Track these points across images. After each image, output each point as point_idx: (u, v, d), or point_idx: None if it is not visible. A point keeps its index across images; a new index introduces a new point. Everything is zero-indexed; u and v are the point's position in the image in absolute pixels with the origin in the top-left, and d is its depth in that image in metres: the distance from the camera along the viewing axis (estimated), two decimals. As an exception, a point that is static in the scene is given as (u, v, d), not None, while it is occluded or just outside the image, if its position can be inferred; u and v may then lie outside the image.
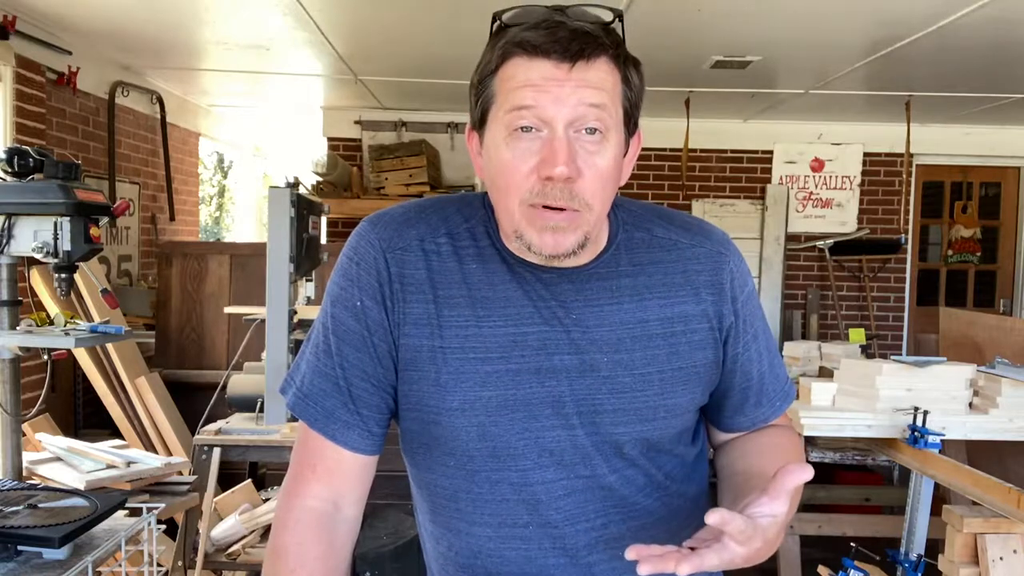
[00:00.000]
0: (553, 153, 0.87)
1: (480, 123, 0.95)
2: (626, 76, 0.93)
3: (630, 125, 0.95)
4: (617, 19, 0.94)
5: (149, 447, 3.68)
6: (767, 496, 0.82)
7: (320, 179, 5.19)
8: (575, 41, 0.88)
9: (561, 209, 0.89)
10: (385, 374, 0.99)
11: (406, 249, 0.97)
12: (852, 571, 2.49)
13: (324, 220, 5.20)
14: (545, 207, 0.89)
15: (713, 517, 0.78)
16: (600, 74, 0.89)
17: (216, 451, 2.83)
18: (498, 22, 0.94)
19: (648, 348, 0.98)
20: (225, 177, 9.71)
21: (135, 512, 2.08)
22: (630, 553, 0.80)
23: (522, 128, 0.89)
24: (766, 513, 0.82)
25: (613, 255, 1.00)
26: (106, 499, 1.91)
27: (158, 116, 5.16)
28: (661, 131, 5.64)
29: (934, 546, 2.46)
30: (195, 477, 2.65)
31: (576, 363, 0.96)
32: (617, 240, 1.01)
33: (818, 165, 5.95)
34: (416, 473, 1.06)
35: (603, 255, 0.99)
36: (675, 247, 1.02)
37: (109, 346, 3.67)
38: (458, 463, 0.98)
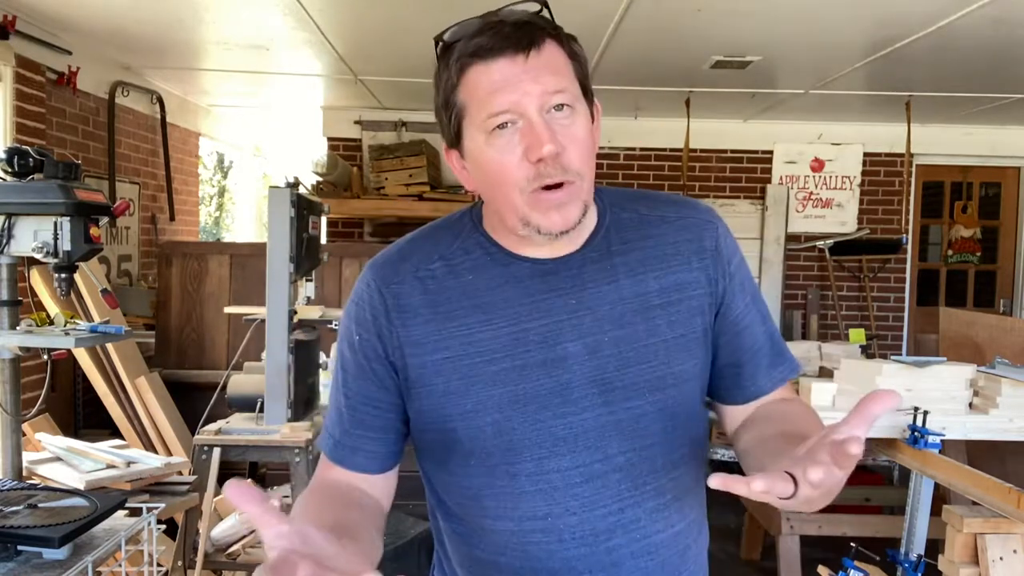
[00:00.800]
0: (536, 137, 0.92)
1: (456, 139, 1.00)
2: (572, 52, 0.99)
3: (588, 95, 1.00)
4: (544, 7, 0.99)
5: (149, 447, 3.68)
6: (847, 425, 0.76)
7: (320, 179, 5.19)
8: (521, 32, 0.94)
9: (559, 186, 0.94)
10: (387, 396, 1.05)
11: (401, 282, 1.04)
12: (852, 571, 2.49)
13: (324, 220, 5.20)
14: (544, 188, 0.94)
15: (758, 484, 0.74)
16: (551, 57, 0.95)
17: (216, 451, 2.82)
18: (441, 44, 0.99)
19: (649, 320, 1.02)
20: (225, 177, 9.70)
21: (135, 512, 2.08)
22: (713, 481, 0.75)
23: (499, 126, 0.94)
24: (845, 433, 0.75)
25: (604, 237, 1.05)
26: (106, 499, 1.91)
27: (158, 116, 5.16)
28: (661, 131, 5.65)
29: (934, 546, 2.46)
30: (195, 477, 2.65)
31: (580, 348, 1.00)
32: (606, 222, 1.06)
33: (818, 165, 5.95)
34: (438, 479, 1.09)
35: (594, 238, 1.04)
36: (663, 221, 1.07)
37: (109, 346, 3.67)
38: (478, 462, 1.02)
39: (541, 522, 1.01)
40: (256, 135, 7.51)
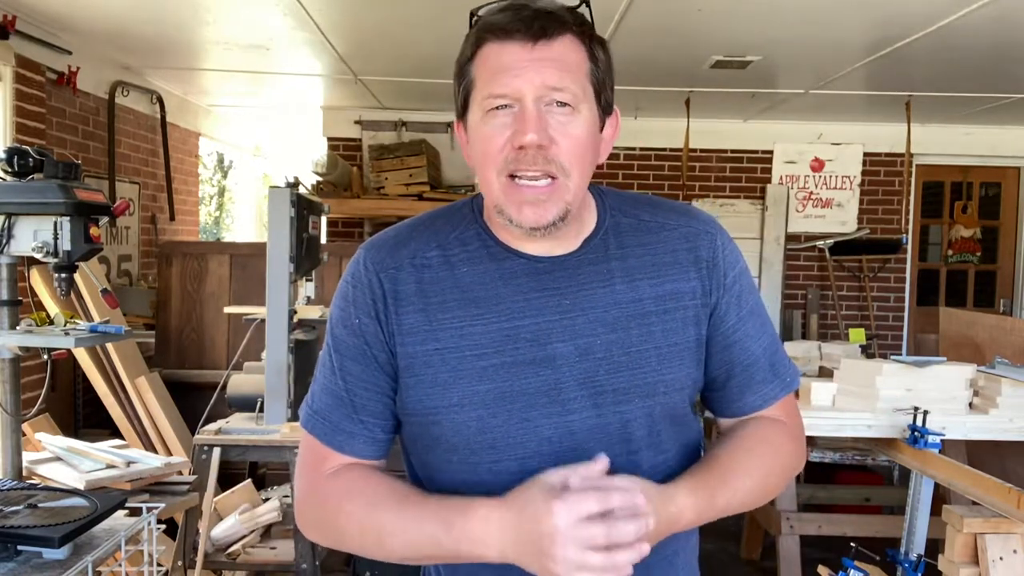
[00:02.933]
0: (523, 123, 0.93)
1: (463, 110, 1.01)
2: (592, 53, 0.98)
3: (602, 102, 1.00)
4: (584, 3, 1.00)
5: (149, 447, 3.68)
6: None
7: (320, 179, 5.19)
8: (537, 20, 0.94)
9: (550, 178, 0.95)
10: (387, 381, 1.03)
11: (398, 268, 1.03)
12: (852, 571, 2.49)
13: (324, 220, 5.20)
14: (518, 175, 0.95)
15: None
16: (563, 51, 0.95)
17: (216, 451, 2.83)
18: (475, 17, 1.00)
19: (643, 326, 1.01)
20: (225, 177, 9.70)
21: (135, 512, 2.08)
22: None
23: (496, 107, 0.95)
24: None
25: (602, 240, 1.04)
26: (106, 499, 1.91)
27: (158, 116, 5.16)
28: (661, 131, 5.65)
29: (934, 546, 2.46)
30: (195, 477, 2.65)
31: (572, 349, 0.99)
32: (605, 226, 1.05)
33: (818, 165, 5.95)
34: (421, 471, 1.08)
35: (592, 240, 1.04)
36: (662, 228, 1.06)
37: (109, 346, 3.67)
38: (461, 457, 1.01)
39: None
40: (256, 135, 7.51)
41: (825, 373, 3.32)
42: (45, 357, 2.26)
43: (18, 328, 2.19)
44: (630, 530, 0.88)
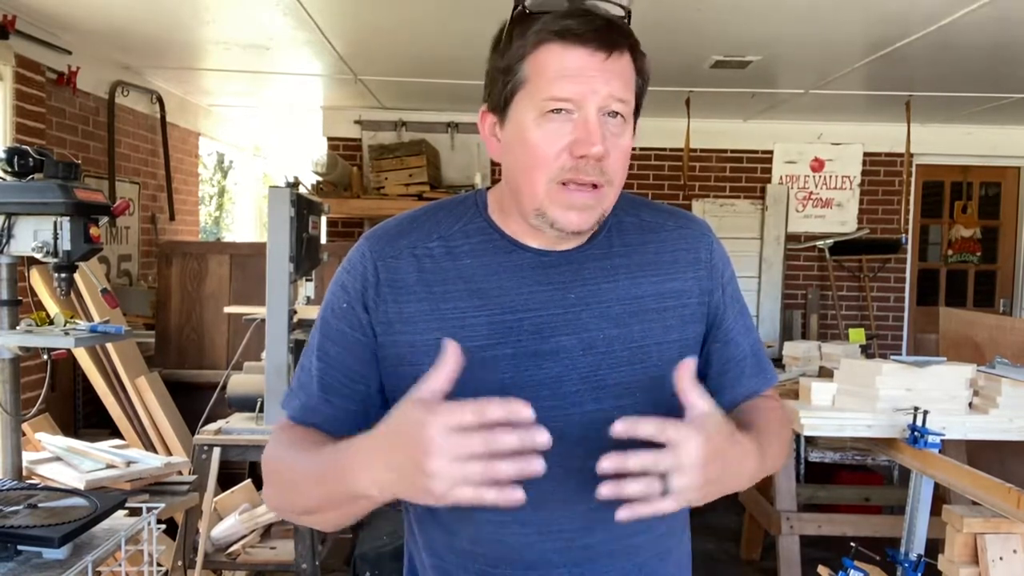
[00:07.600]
0: (589, 133, 0.93)
1: (503, 105, 0.99)
2: (641, 68, 1.00)
3: (636, 112, 1.01)
4: (627, 15, 1.01)
5: (149, 447, 3.68)
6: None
7: (320, 179, 5.19)
8: (610, 32, 0.94)
9: (592, 186, 0.95)
10: (362, 368, 1.03)
11: (397, 257, 1.03)
12: (852, 571, 2.49)
13: (324, 220, 5.20)
14: (572, 183, 0.95)
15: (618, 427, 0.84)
16: (625, 66, 0.96)
17: (216, 451, 2.83)
18: (520, 7, 0.98)
19: (644, 322, 1.03)
20: (225, 177, 9.70)
21: (135, 512, 2.08)
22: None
23: (555, 111, 0.94)
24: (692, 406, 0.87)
25: (607, 237, 1.06)
26: (106, 499, 1.91)
27: (158, 116, 5.16)
28: (661, 131, 5.64)
29: (934, 546, 2.46)
30: (195, 477, 2.65)
31: (575, 343, 1.00)
32: (609, 224, 1.06)
33: (818, 165, 5.95)
34: None
35: (597, 237, 1.05)
36: (663, 229, 1.09)
37: (109, 346, 3.67)
38: None
39: (520, 513, 0.97)
40: (256, 135, 7.51)
41: (825, 373, 3.32)
42: (45, 357, 2.26)
43: (18, 328, 2.19)
44: (511, 440, 0.79)
